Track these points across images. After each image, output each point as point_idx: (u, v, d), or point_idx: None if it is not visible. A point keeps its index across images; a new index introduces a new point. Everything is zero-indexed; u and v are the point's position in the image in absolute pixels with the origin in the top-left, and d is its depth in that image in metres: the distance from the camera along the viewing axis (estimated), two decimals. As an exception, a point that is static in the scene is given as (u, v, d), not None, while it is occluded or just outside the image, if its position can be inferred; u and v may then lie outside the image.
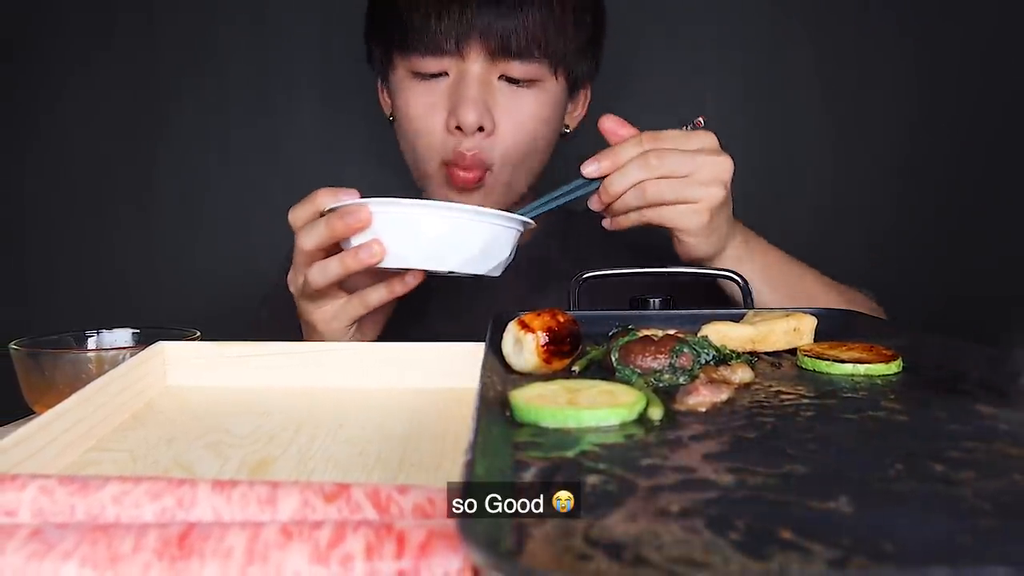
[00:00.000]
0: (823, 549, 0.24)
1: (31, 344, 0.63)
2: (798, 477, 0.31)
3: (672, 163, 0.69)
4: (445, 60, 0.83)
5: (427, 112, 0.86)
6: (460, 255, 0.64)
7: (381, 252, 0.63)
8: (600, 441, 0.36)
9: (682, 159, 0.69)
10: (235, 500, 0.31)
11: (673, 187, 0.70)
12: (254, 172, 1.33)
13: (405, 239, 0.63)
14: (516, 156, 0.87)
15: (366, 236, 0.64)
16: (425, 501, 0.31)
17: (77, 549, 0.27)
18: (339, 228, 0.64)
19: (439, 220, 0.63)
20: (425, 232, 0.63)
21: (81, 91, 1.32)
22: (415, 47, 0.83)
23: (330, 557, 0.26)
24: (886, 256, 1.28)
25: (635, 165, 0.69)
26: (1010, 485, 0.30)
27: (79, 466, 0.42)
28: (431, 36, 0.82)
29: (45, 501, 0.31)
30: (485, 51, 0.82)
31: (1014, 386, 0.44)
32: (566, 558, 0.24)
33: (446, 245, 0.63)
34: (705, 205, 0.70)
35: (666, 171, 0.69)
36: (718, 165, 0.70)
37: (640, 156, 0.69)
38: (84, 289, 1.34)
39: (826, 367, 0.50)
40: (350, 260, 0.64)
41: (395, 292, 0.70)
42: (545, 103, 0.87)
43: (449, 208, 0.63)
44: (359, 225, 0.63)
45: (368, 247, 0.63)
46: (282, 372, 0.59)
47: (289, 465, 0.42)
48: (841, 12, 1.26)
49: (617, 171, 0.70)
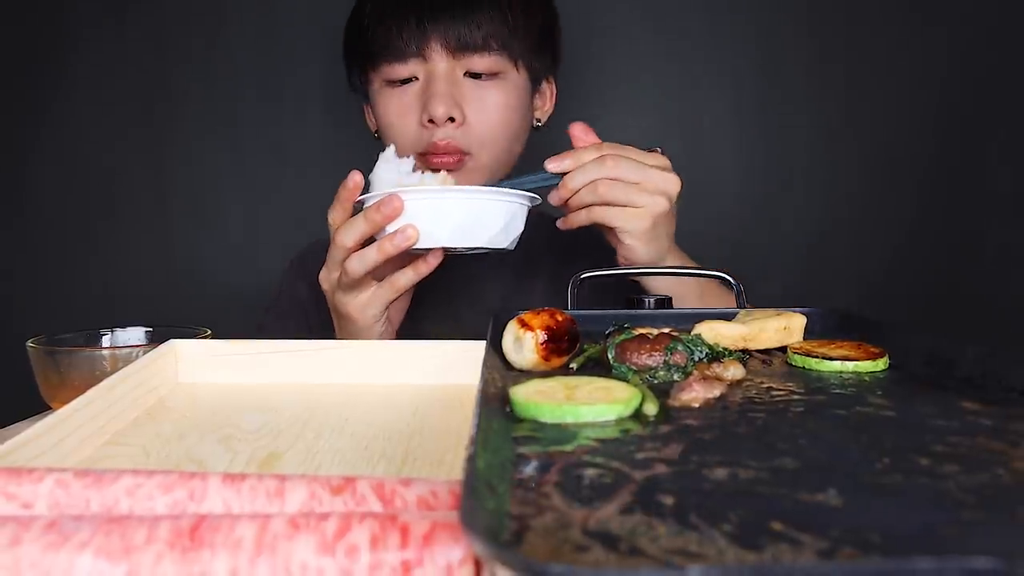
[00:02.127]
0: (813, 540, 0.24)
1: (48, 342, 0.63)
2: (788, 471, 0.31)
3: (626, 169, 0.74)
4: (411, 65, 0.89)
5: (402, 114, 0.90)
6: (484, 232, 0.70)
7: (415, 235, 0.68)
8: (597, 436, 0.36)
9: (635, 167, 0.74)
10: (244, 493, 0.31)
11: (623, 190, 0.74)
12: (263, 176, 1.33)
13: (435, 221, 0.68)
14: (491, 142, 0.91)
15: (399, 223, 0.68)
16: (428, 494, 0.31)
17: (92, 540, 0.27)
18: (377, 219, 0.69)
19: (464, 201, 0.68)
20: (452, 213, 0.68)
21: (97, 99, 1.32)
22: (383, 57, 0.89)
23: (336, 548, 0.26)
24: (873, 256, 1.28)
25: (593, 165, 0.74)
26: (992, 479, 0.30)
27: (94, 460, 0.42)
28: (394, 44, 0.88)
29: (61, 494, 0.31)
30: (446, 50, 0.87)
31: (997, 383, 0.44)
32: (564, 549, 0.24)
33: (470, 223, 0.69)
34: (649, 211, 0.75)
35: (619, 174, 0.74)
36: (667, 180, 0.75)
37: (599, 158, 0.74)
38: (99, 289, 1.34)
39: (815, 364, 0.50)
40: (388, 245, 0.69)
41: (420, 272, 0.74)
42: (510, 93, 0.92)
43: (471, 190, 0.69)
44: (394, 214, 0.68)
45: (403, 231, 0.68)
46: (290, 369, 0.59)
47: (297, 459, 0.42)
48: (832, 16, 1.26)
49: (577, 169, 0.75)
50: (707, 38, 1.27)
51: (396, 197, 0.67)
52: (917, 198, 1.26)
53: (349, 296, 0.75)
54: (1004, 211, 1.24)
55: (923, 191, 1.26)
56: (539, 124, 1.01)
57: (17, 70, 1.31)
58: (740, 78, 1.27)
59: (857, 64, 1.26)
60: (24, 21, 1.30)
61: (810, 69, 1.27)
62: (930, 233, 1.27)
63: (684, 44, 1.28)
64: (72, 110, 1.32)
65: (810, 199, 1.29)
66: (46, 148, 1.33)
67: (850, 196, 1.28)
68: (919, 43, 1.24)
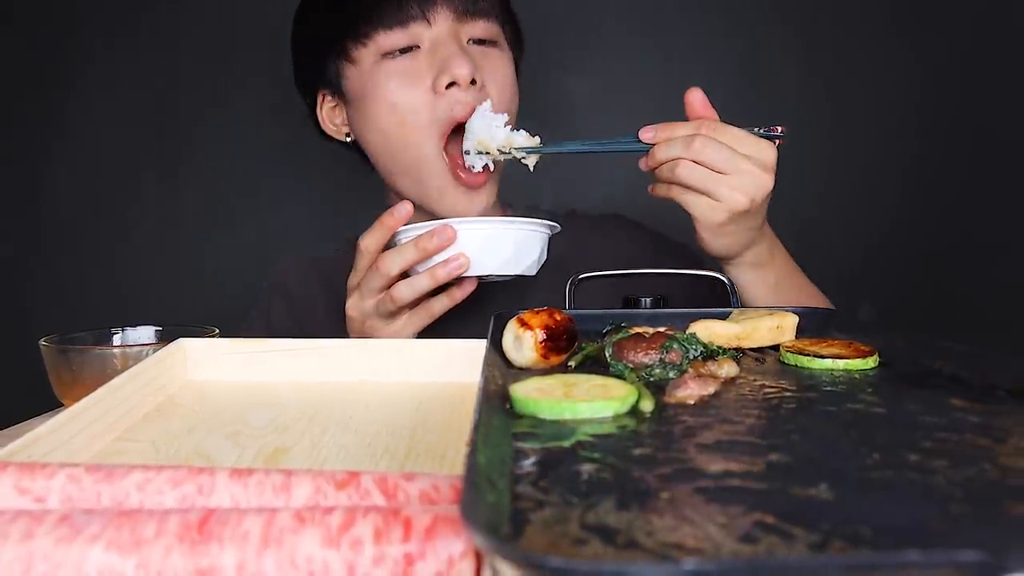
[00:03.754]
0: (805, 533, 0.24)
1: (60, 341, 0.63)
2: (781, 466, 0.31)
3: (713, 154, 0.66)
4: (413, 29, 0.80)
5: (408, 85, 0.80)
6: (525, 260, 0.71)
7: (467, 263, 0.68)
8: (595, 432, 0.36)
9: (726, 156, 0.66)
10: (251, 487, 0.31)
11: (704, 176, 0.67)
12: (270, 180, 1.33)
13: (483, 251, 0.69)
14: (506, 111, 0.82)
15: (450, 252, 0.68)
16: (430, 488, 0.31)
17: (103, 533, 0.26)
18: (430, 248, 0.68)
19: (513, 233, 0.70)
20: (500, 245, 0.70)
21: (110, 105, 1.32)
22: (380, 24, 0.79)
23: (341, 541, 0.26)
24: (866, 258, 1.28)
25: (681, 142, 0.67)
26: (979, 473, 0.30)
27: (105, 455, 0.42)
28: (393, 8, 0.79)
29: (73, 488, 0.31)
30: (452, 13, 0.80)
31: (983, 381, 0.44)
32: (563, 542, 0.24)
33: (518, 253, 0.70)
34: (726, 207, 0.67)
35: (705, 159, 0.66)
36: (756, 179, 0.67)
37: (689, 136, 0.67)
38: (110, 289, 1.34)
39: (807, 362, 0.50)
40: (441, 272, 0.68)
41: (455, 299, 0.73)
42: (509, 64, 0.86)
43: (517, 223, 0.70)
44: (447, 243, 0.67)
45: (456, 259, 0.68)
46: (296, 367, 0.59)
47: (302, 454, 0.42)
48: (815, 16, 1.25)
49: (664, 142, 0.69)
50: (689, 37, 1.27)
51: (450, 227, 0.67)
52: (910, 203, 1.26)
53: (384, 323, 0.72)
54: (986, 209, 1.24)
55: (907, 190, 1.26)
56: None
57: (34, 79, 1.32)
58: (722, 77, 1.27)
59: (840, 63, 1.25)
60: (43, 33, 1.31)
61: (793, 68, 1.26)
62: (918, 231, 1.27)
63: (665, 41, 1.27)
64: (86, 116, 1.32)
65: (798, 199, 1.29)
66: (61, 153, 1.33)
67: (840, 195, 1.28)
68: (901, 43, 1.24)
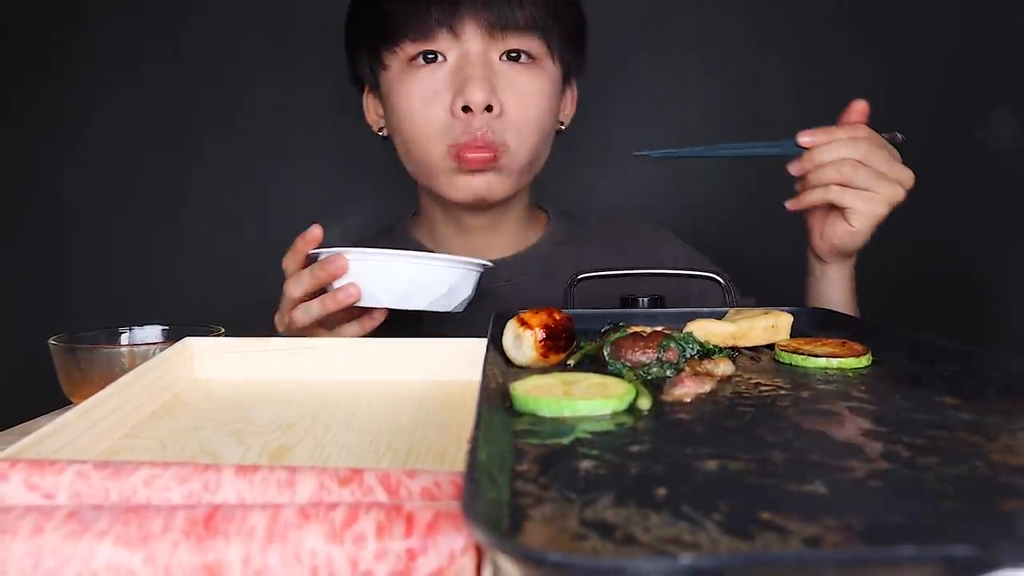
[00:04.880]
0: (800, 529, 0.24)
1: (69, 340, 0.63)
2: (776, 462, 0.31)
3: (877, 156, 0.70)
4: (441, 41, 0.78)
5: (429, 99, 0.79)
6: (427, 296, 0.67)
7: (357, 294, 0.66)
8: (593, 429, 0.36)
9: (885, 158, 0.70)
10: (257, 484, 0.31)
11: (868, 175, 0.70)
12: (275, 181, 1.33)
13: (378, 283, 0.66)
14: (528, 135, 0.81)
15: (344, 280, 0.67)
16: (432, 484, 0.31)
17: (111, 529, 0.27)
18: (322, 276, 0.67)
19: (407, 266, 0.66)
20: (395, 277, 0.66)
21: (116, 106, 1.32)
22: (405, 33, 0.78)
23: (344, 536, 0.26)
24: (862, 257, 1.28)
25: (846, 143, 0.70)
26: (971, 470, 0.30)
27: (113, 452, 0.42)
28: (419, 17, 0.77)
29: (81, 485, 0.31)
30: (482, 28, 0.77)
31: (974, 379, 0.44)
32: (562, 538, 0.24)
33: (415, 287, 0.66)
34: (887, 199, 0.71)
35: (870, 160, 0.70)
36: (906, 173, 0.71)
37: (852, 138, 0.70)
38: (118, 289, 1.34)
39: (802, 361, 0.50)
40: (330, 302, 0.67)
41: (365, 328, 0.71)
42: (546, 82, 0.82)
43: (416, 256, 0.66)
44: (338, 273, 0.66)
45: (345, 290, 0.66)
46: (300, 366, 0.59)
47: (306, 452, 0.42)
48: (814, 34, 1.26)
49: (828, 144, 0.70)
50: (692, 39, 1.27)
51: (340, 257, 0.66)
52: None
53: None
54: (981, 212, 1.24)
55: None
56: (562, 127, 0.92)
57: (40, 80, 1.31)
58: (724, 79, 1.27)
59: (838, 65, 1.25)
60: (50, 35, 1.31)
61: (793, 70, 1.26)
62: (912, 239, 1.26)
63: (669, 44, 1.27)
64: (93, 117, 1.32)
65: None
66: (68, 154, 1.33)
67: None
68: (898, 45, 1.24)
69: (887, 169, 0.70)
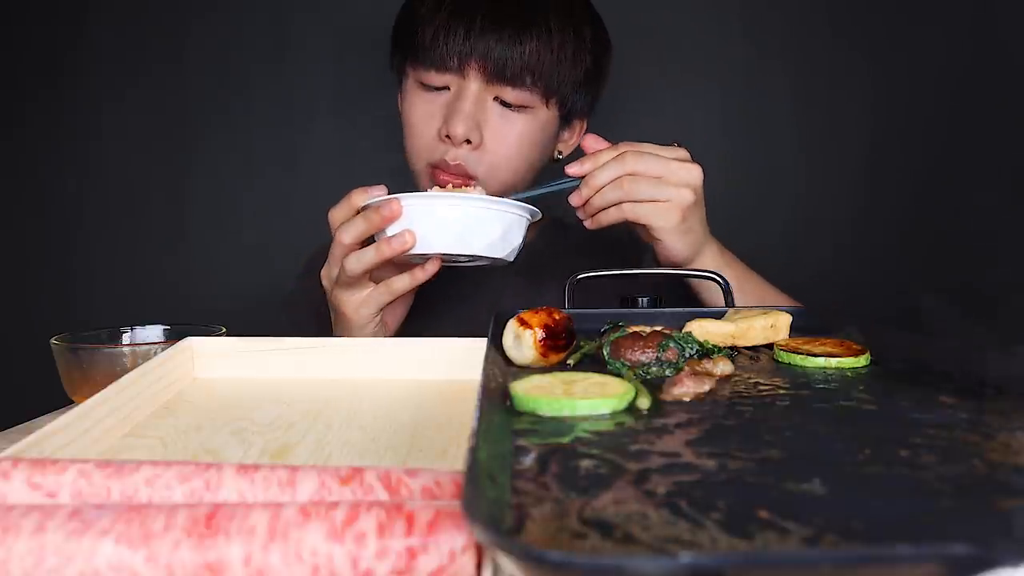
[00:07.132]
0: (798, 527, 0.24)
1: (71, 339, 0.63)
2: (775, 461, 0.31)
3: (646, 163, 0.72)
4: (448, 76, 0.84)
5: (424, 119, 0.86)
6: (481, 240, 0.67)
7: (412, 239, 0.66)
8: (593, 428, 0.36)
9: (655, 161, 0.72)
10: (258, 483, 0.31)
11: (647, 184, 0.72)
12: (275, 182, 1.33)
13: (432, 227, 0.66)
14: (501, 172, 0.86)
15: (398, 227, 0.67)
16: (432, 483, 0.31)
17: (113, 527, 0.26)
18: (375, 220, 0.67)
19: (462, 206, 0.66)
20: (448, 219, 0.66)
21: (117, 106, 1.32)
22: (423, 61, 0.84)
23: (345, 535, 0.26)
24: (853, 260, 1.28)
25: (614, 162, 0.72)
26: (968, 469, 0.30)
27: (115, 451, 0.42)
28: (438, 52, 0.83)
29: (83, 483, 0.31)
30: (483, 73, 0.83)
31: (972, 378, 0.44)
32: (562, 536, 0.24)
33: (467, 231, 0.66)
34: (676, 205, 0.72)
35: (640, 169, 0.72)
36: (689, 171, 0.73)
37: (618, 156, 0.72)
38: (119, 289, 1.34)
39: (800, 360, 0.50)
40: (385, 247, 0.67)
41: (417, 279, 0.72)
42: (534, 128, 0.87)
43: (470, 197, 0.66)
44: (392, 216, 0.66)
45: (400, 236, 0.66)
46: (301, 365, 0.59)
47: (307, 451, 0.42)
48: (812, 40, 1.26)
49: (599, 168, 0.72)
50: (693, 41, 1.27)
51: (395, 200, 0.66)
52: (893, 208, 1.26)
53: (346, 294, 0.73)
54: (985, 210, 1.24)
55: (904, 192, 1.26)
56: (560, 157, 0.96)
57: (41, 81, 1.32)
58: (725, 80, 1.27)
59: (841, 65, 1.25)
60: (49, 35, 1.31)
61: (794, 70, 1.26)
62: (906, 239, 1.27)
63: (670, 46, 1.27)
64: (93, 117, 1.32)
65: (794, 200, 1.29)
66: (69, 155, 1.33)
67: (833, 197, 1.28)
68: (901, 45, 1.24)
69: (662, 172, 0.72)
